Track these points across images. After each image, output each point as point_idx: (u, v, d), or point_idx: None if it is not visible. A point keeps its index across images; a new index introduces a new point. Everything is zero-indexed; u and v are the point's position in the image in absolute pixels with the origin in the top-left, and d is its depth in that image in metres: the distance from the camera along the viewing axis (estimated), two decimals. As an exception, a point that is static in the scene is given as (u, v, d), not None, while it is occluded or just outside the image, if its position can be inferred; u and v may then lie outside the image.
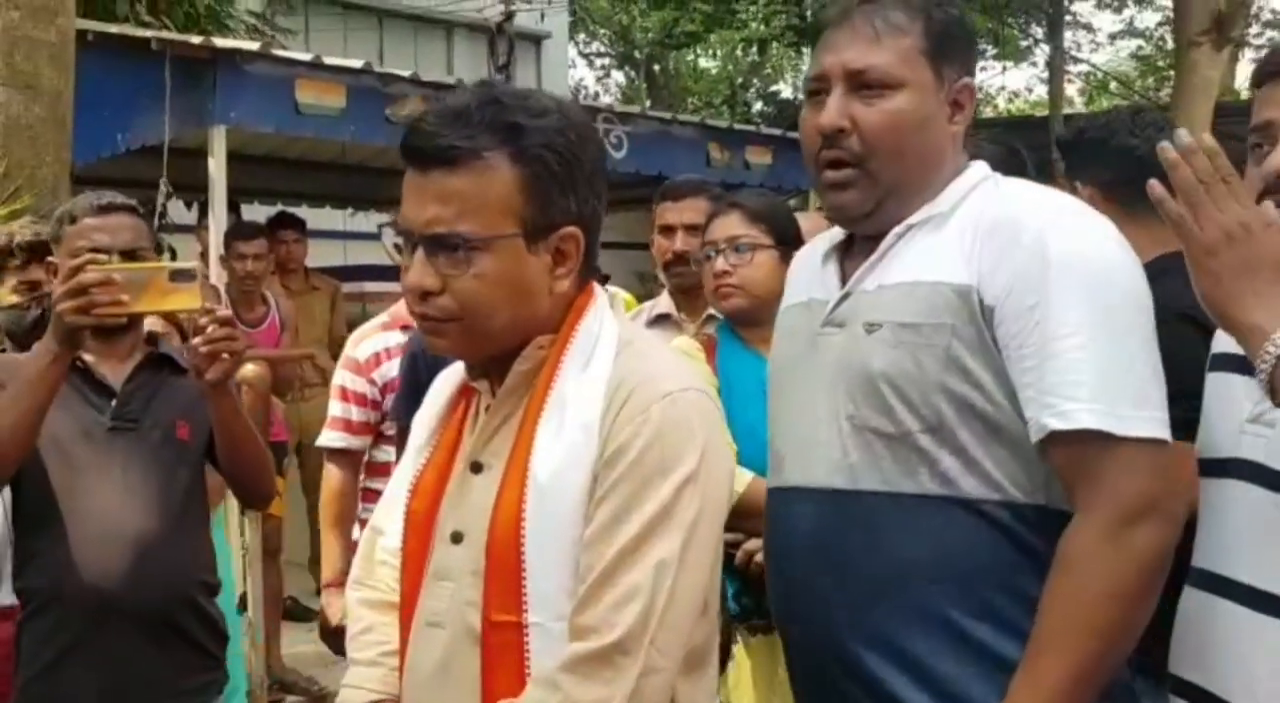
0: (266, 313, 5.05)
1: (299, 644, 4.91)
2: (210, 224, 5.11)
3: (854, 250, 1.67)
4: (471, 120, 1.33)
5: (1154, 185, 1.35)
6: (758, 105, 21.29)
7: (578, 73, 21.45)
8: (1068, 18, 16.14)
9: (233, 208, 5.48)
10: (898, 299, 1.53)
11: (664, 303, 2.99)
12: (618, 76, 23.39)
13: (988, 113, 17.42)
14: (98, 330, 2.27)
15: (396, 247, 1.40)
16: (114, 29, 5.45)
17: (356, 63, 5.41)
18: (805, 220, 4.04)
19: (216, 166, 4.99)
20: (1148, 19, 17.21)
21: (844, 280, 1.64)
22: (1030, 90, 22.57)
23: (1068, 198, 1.59)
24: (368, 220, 9.25)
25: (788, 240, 2.62)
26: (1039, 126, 12.70)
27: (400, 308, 2.88)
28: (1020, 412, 1.45)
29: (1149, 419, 1.40)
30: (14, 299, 2.81)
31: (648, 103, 19.84)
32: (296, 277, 5.67)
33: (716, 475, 1.37)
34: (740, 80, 21.50)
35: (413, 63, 12.81)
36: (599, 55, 23.08)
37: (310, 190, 7.73)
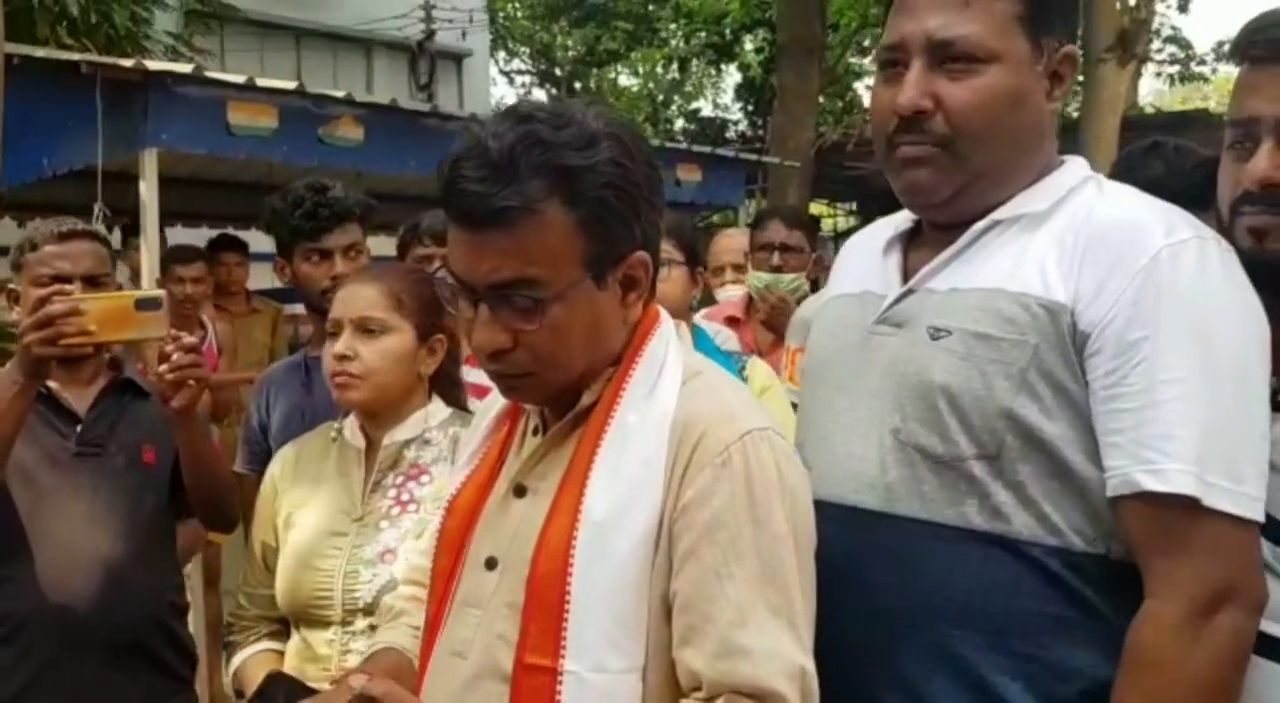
0: (204, 337, 4.98)
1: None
2: (143, 247, 5.04)
3: (920, 241, 1.47)
4: (518, 170, 1.21)
5: None
6: (679, 122, 21.51)
7: (499, 91, 21.46)
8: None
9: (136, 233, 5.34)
10: (974, 306, 1.33)
11: None
12: (539, 94, 23.44)
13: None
14: (62, 358, 2.26)
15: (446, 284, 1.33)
16: (40, 53, 5.36)
17: (289, 84, 5.39)
18: (728, 239, 4.08)
19: (148, 190, 4.92)
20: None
21: (906, 275, 1.44)
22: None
23: (1185, 214, 1.33)
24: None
25: (695, 258, 2.68)
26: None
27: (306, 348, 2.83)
28: (1092, 453, 1.28)
29: (1245, 497, 1.23)
30: None
31: (569, 120, 19.89)
32: (237, 299, 5.59)
33: (804, 516, 1.28)
34: (661, 98, 21.68)
35: (332, 82, 12.73)
36: (519, 73, 23.12)
37: (237, 212, 7.64)
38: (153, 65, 5.03)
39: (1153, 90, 20.96)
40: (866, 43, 17.17)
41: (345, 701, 1.26)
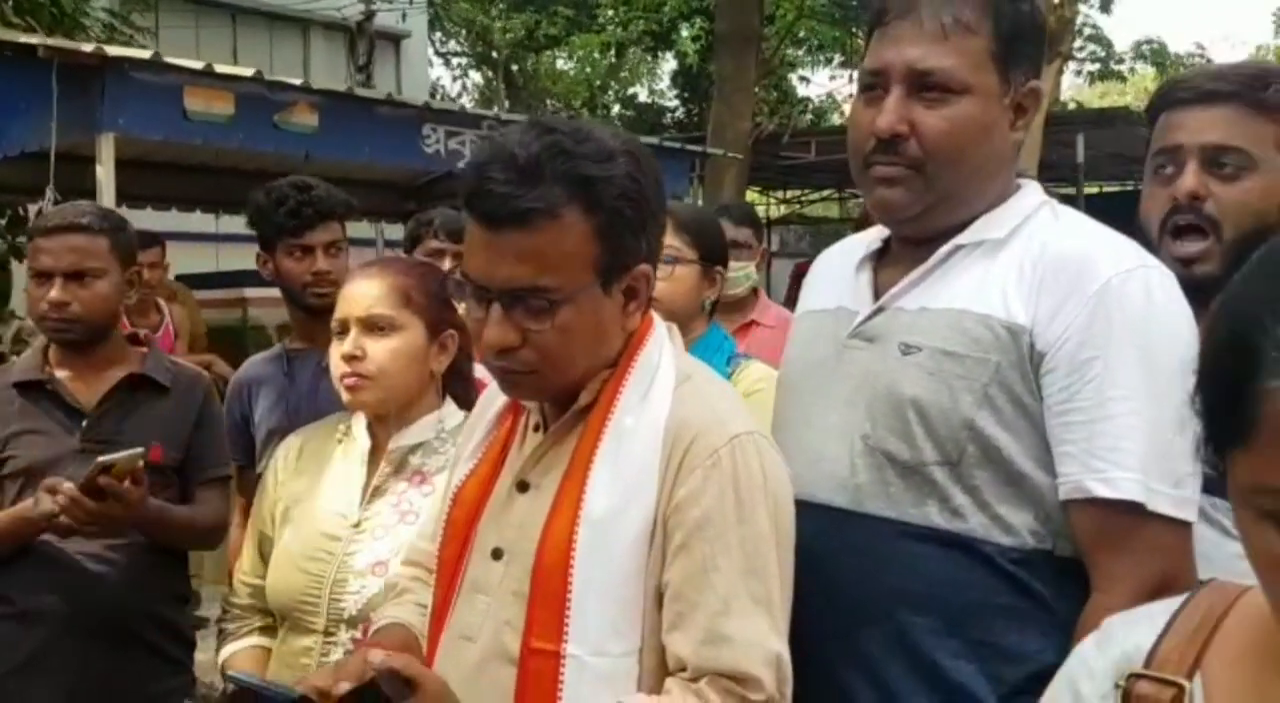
0: (161, 321, 5.06)
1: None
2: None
3: (889, 260, 1.56)
4: (542, 176, 1.28)
5: None
6: (616, 108, 21.63)
7: (435, 72, 21.37)
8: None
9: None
10: (943, 325, 1.43)
11: None
12: (475, 77, 23.38)
13: (835, 120, 18.11)
14: (69, 346, 2.36)
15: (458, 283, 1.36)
16: (-5, 35, 5.36)
17: (247, 71, 5.45)
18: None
19: (105, 174, 4.97)
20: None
21: (877, 292, 1.54)
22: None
23: (1131, 244, 1.44)
24: (238, 223, 9.17)
25: (714, 257, 2.49)
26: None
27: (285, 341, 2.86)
28: (1043, 462, 1.38)
29: (1184, 501, 1.34)
30: None
31: (506, 104, 19.93)
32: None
33: (785, 516, 1.37)
34: (598, 83, 21.77)
35: (268, 62, 12.64)
36: (456, 55, 23.03)
37: (177, 194, 7.64)
38: (112, 50, 5.06)
39: (1072, 86, 21.57)
40: (802, 34, 17.46)
41: (362, 673, 1.26)
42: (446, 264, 3.05)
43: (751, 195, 16.29)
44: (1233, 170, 1.57)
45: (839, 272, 1.63)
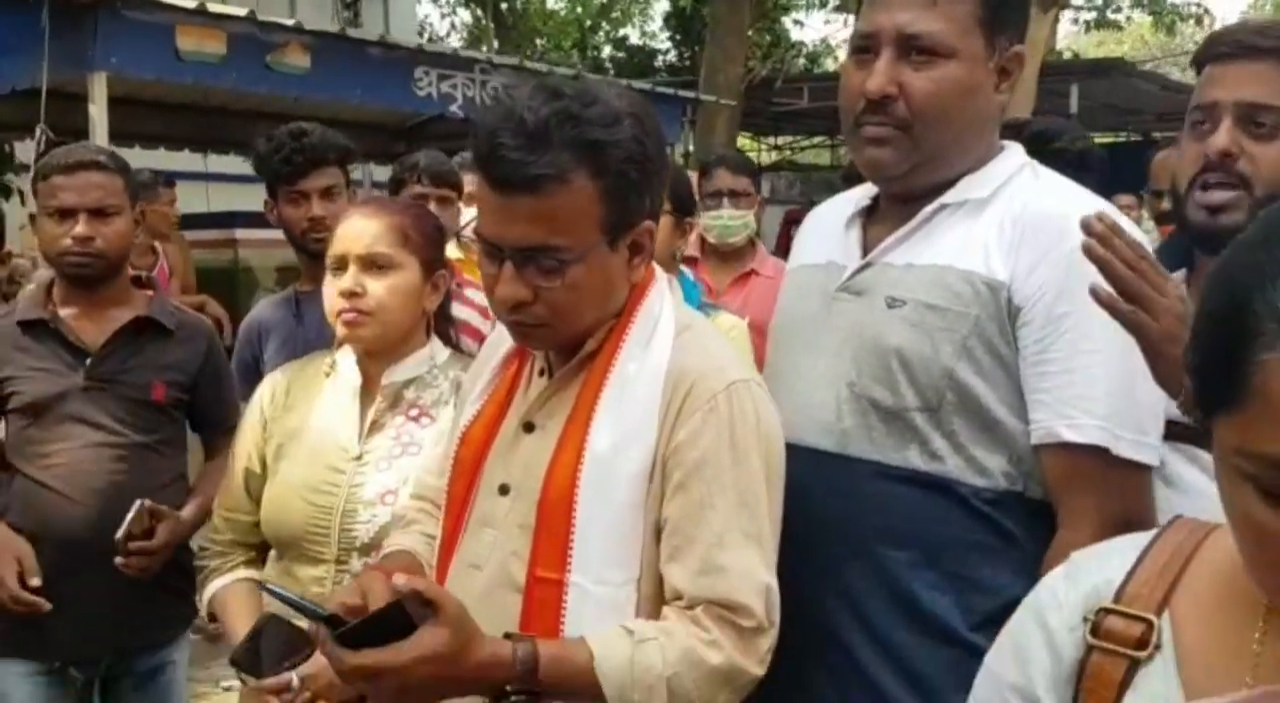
0: (155, 261, 5.07)
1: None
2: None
3: (877, 217, 1.64)
4: (551, 142, 1.33)
5: (1098, 290, 1.32)
6: (607, 50, 21.41)
7: (423, 9, 21.09)
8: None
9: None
10: (927, 280, 1.51)
11: None
12: (464, 14, 23.07)
13: (830, 65, 17.98)
14: (79, 282, 2.40)
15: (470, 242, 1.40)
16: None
17: (240, 10, 5.41)
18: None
19: (98, 112, 4.96)
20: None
21: (865, 248, 1.61)
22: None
23: (1106, 204, 1.51)
24: (226, 161, 9.11)
25: (684, 208, 2.55)
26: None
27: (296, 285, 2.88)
28: (1016, 409, 1.47)
29: (1146, 446, 1.43)
30: None
31: (495, 43, 19.71)
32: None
33: (776, 457, 1.44)
34: (589, 24, 21.52)
35: (252, 6, 12.49)
36: (445, -8, 22.69)
37: (167, 133, 7.60)
38: (106, -14, 5.01)
39: (1069, 33, 21.44)
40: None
41: (386, 594, 1.30)
42: (431, 209, 3.10)
43: (743, 141, 16.24)
44: (1269, 129, 1.55)
45: (829, 228, 1.70)
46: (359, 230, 1.96)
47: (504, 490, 1.49)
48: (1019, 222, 1.48)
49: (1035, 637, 0.92)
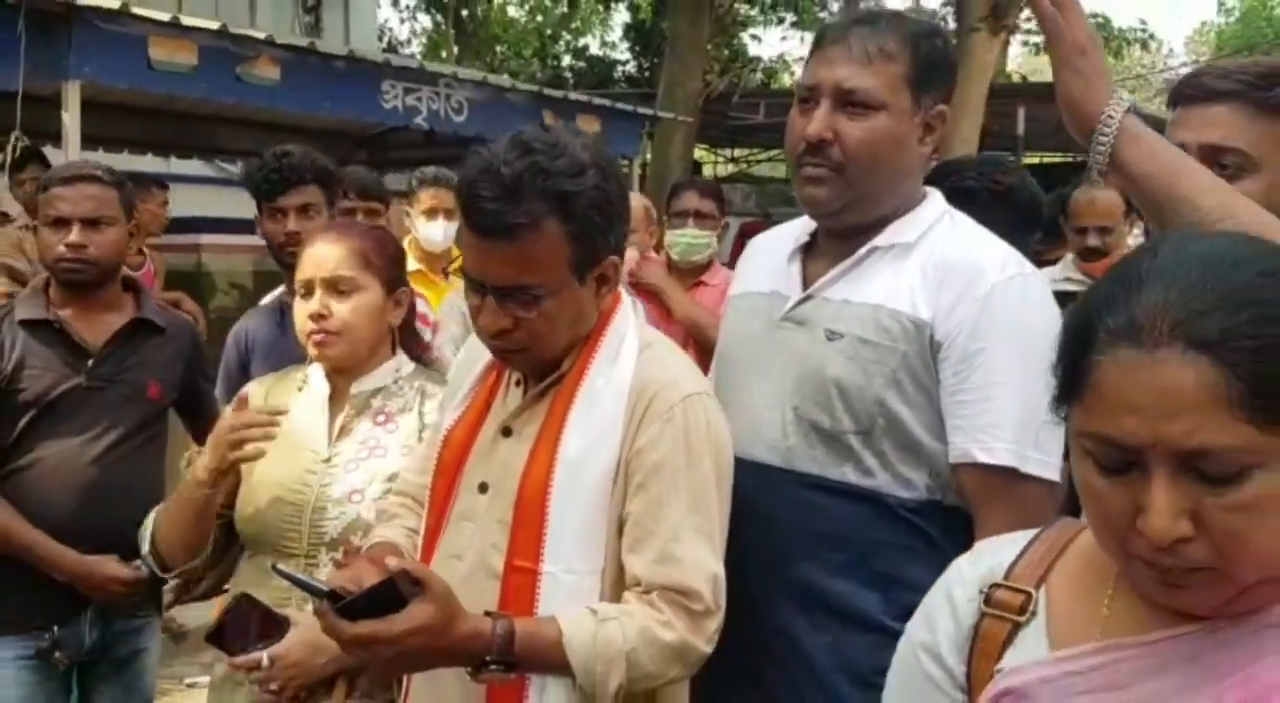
0: (143, 263, 5.15)
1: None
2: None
3: (817, 253, 1.82)
4: (524, 194, 1.51)
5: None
6: (567, 59, 21.60)
7: (383, 13, 21.12)
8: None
9: (38, 157, 5.36)
10: (862, 317, 1.69)
11: None
12: (424, 20, 23.15)
13: (786, 81, 18.29)
14: (72, 287, 2.54)
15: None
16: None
17: (212, 24, 5.52)
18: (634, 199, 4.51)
19: (71, 121, 5.04)
20: (930, 1, 18.52)
21: (805, 281, 1.79)
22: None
23: (1013, 253, 1.72)
24: (189, 165, 9.18)
25: None
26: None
27: (280, 293, 3.01)
28: (936, 431, 1.66)
29: (1049, 464, 1.60)
30: None
31: (455, 49, 19.82)
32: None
33: (725, 461, 1.63)
34: (549, 32, 21.70)
35: (214, 7, 12.51)
36: (405, -2, 22.75)
37: (132, 136, 7.67)
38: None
39: (1018, 54, 21.91)
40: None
41: (375, 575, 1.45)
42: (358, 220, 3.30)
43: (699, 153, 16.46)
44: (1232, 171, 1.61)
45: (772, 258, 1.88)
46: (323, 256, 2.11)
47: (483, 488, 1.66)
48: (939, 267, 1.68)
49: (943, 607, 1.11)
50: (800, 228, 1.87)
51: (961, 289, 1.65)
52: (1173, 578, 0.91)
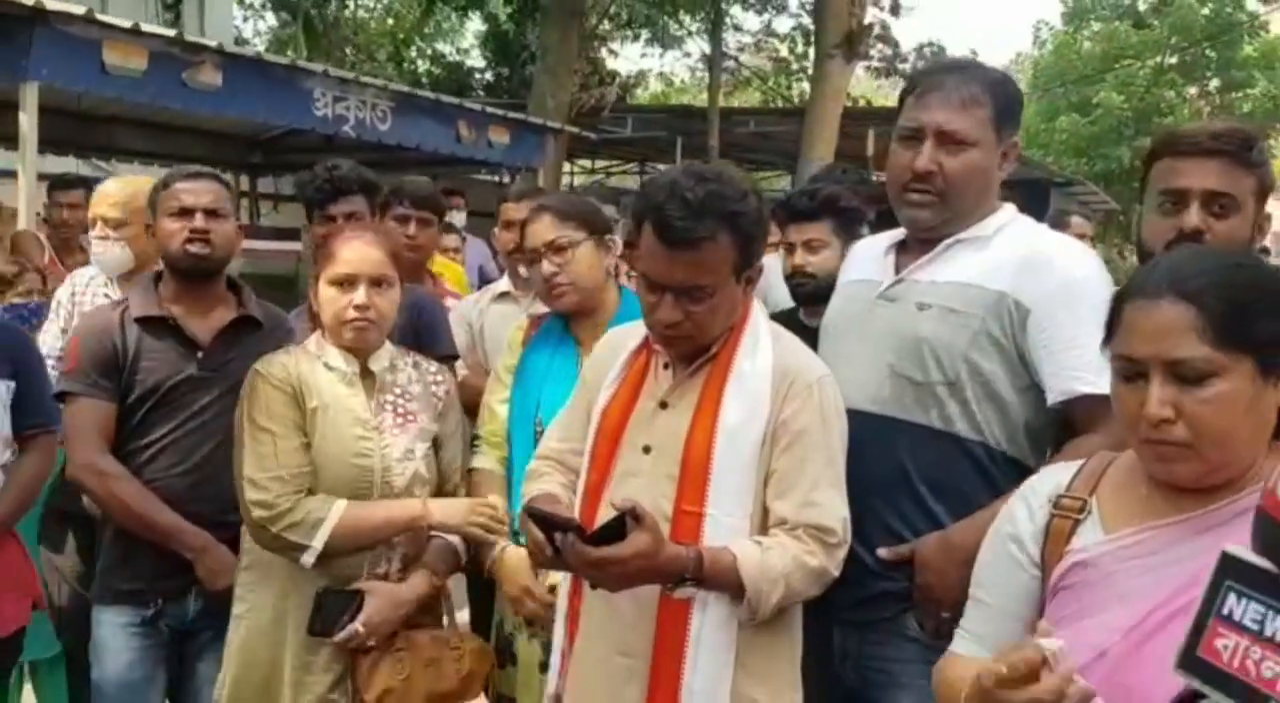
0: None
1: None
2: (20, 176, 5.21)
3: (906, 250, 2.21)
4: (705, 213, 1.88)
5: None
6: (423, 65, 21.59)
7: (239, 11, 20.64)
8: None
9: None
10: (947, 293, 2.07)
11: (504, 283, 3.55)
12: (271, 19, 22.71)
13: (641, 95, 18.81)
14: (190, 277, 2.79)
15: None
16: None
17: (168, 31, 5.66)
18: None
19: (28, 121, 5.11)
20: (782, 24, 19.37)
21: (898, 268, 2.18)
22: (677, 76, 24.55)
23: (1071, 239, 2.21)
24: (129, 170, 9.01)
25: (599, 228, 2.69)
26: (698, 116, 14.47)
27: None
28: (1014, 386, 2.04)
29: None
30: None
31: (305, 51, 19.58)
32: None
33: (845, 428, 2.00)
34: (402, 37, 21.63)
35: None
36: (257, -3, 22.27)
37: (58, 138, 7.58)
38: (49, 2, 5.19)
39: (858, 80, 23.11)
40: (613, 9, 18.07)
41: (568, 519, 1.85)
42: (412, 228, 3.58)
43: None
44: (1224, 210, 2.00)
45: (871, 255, 2.31)
46: (367, 255, 2.43)
47: (647, 450, 2.00)
48: (1016, 253, 2.08)
49: (1022, 510, 1.54)
50: (891, 235, 2.30)
51: (1040, 268, 2.05)
52: (1163, 452, 1.35)
